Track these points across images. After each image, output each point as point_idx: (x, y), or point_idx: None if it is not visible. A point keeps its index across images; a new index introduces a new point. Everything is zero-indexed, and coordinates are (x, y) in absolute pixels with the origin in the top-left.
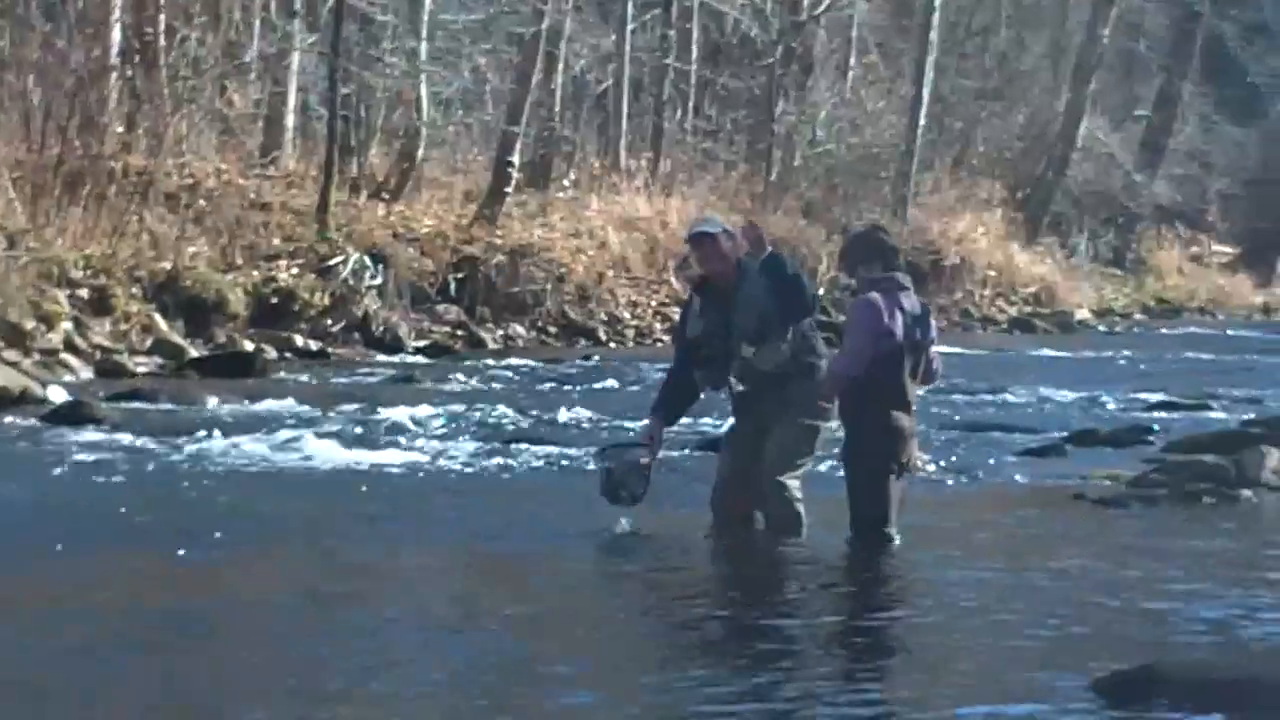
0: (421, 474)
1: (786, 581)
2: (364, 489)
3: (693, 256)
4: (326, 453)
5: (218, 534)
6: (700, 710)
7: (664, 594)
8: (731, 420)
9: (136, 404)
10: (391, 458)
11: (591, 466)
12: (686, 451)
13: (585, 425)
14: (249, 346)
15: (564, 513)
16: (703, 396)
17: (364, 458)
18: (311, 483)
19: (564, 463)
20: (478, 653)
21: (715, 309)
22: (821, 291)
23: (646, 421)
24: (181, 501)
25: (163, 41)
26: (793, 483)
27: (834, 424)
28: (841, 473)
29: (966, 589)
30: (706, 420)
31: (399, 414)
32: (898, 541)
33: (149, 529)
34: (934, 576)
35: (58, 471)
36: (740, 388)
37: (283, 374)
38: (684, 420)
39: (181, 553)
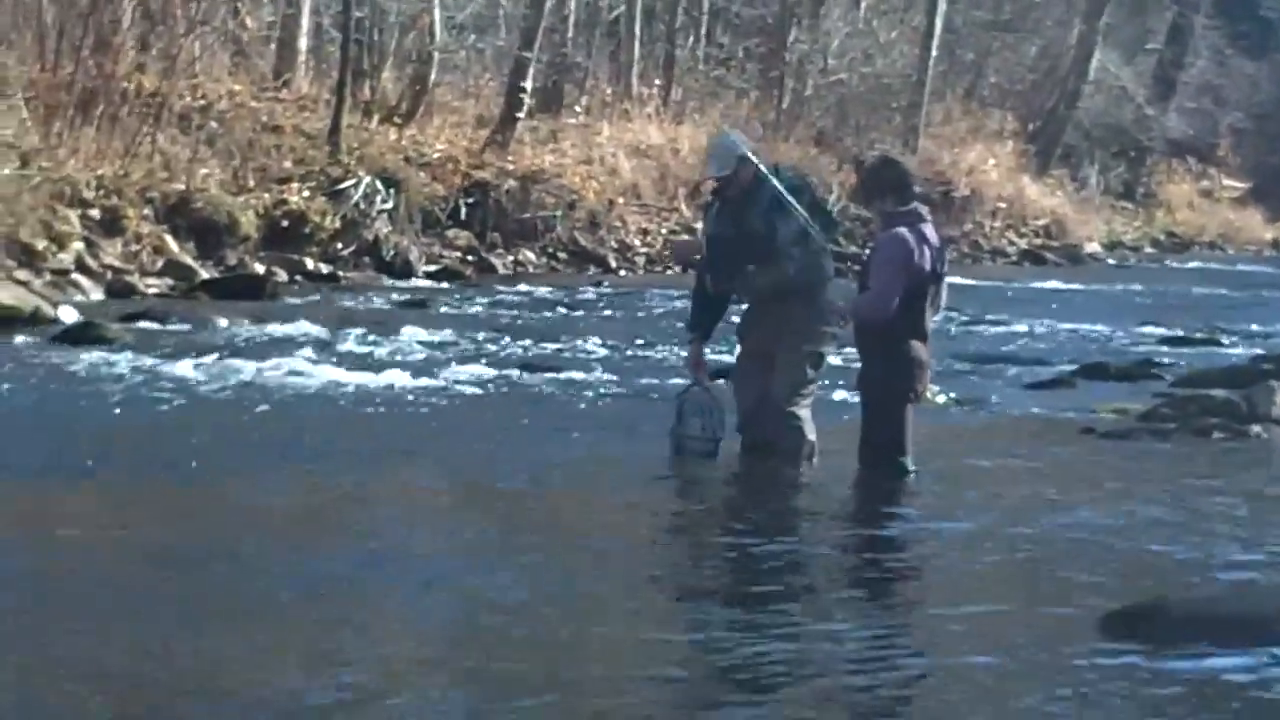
0: (432, 400)
1: (800, 513)
2: (373, 414)
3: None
4: (335, 377)
5: (225, 457)
6: (711, 641)
7: (677, 524)
8: (738, 349)
9: (146, 325)
10: (401, 382)
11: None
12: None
13: (596, 353)
14: (259, 269)
15: (576, 440)
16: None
17: (373, 382)
18: (320, 407)
19: (575, 390)
20: (487, 584)
21: (730, 214)
22: None
23: (687, 346)
24: (189, 423)
25: None
26: (803, 412)
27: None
28: (856, 401)
29: (974, 522)
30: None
31: (409, 339)
32: (913, 471)
33: (156, 451)
34: (943, 509)
35: (67, 391)
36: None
37: (293, 297)
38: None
39: (187, 476)
